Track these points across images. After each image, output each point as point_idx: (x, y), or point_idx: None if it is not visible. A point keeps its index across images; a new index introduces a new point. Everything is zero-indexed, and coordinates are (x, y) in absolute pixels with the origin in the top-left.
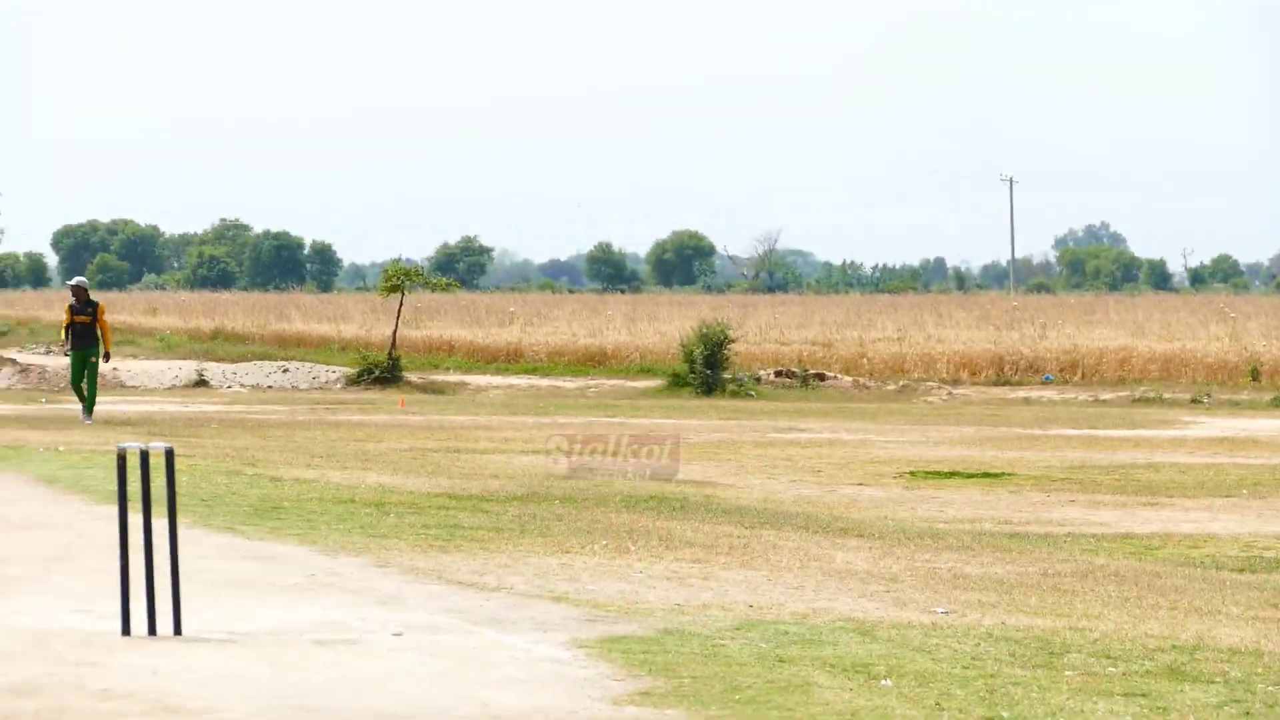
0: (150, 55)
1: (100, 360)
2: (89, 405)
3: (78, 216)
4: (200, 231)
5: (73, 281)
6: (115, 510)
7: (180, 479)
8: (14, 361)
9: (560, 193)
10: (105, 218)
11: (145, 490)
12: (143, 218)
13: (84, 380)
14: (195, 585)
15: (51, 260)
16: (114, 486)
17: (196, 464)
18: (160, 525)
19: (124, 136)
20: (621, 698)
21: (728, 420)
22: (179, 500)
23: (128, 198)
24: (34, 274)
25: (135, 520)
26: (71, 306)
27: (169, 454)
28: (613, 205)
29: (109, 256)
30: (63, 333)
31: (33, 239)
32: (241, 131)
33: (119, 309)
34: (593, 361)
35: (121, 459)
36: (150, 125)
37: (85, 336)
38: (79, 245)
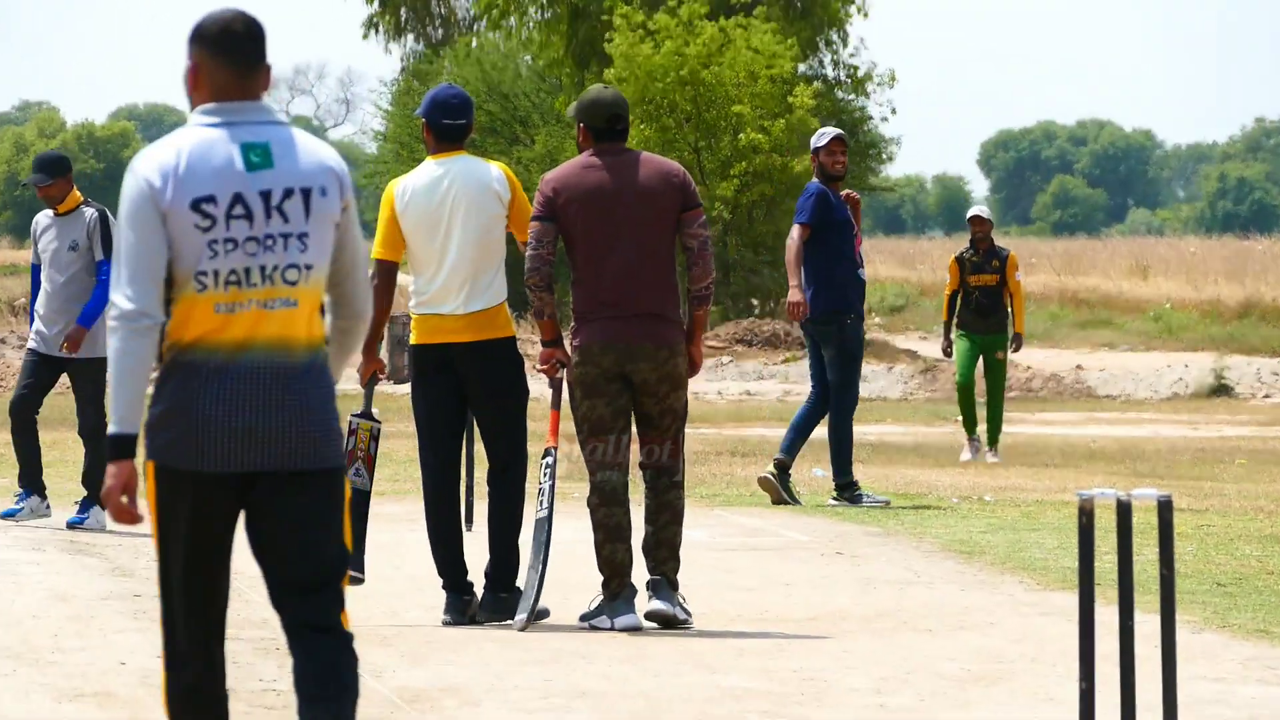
0: None
1: (1009, 352)
2: (989, 434)
3: None
4: None
5: (974, 211)
6: None
7: None
8: None
9: None
10: None
11: None
12: None
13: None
14: None
15: None
16: None
17: None
18: None
19: None
20: None
21: None
22: None
23: None
24: None
25: None
26: (962, 258)
27: None
28: None
29: None
30: (944, 307)
31: None
32: None
33: None
34: None
35: None
36: None
37: (986, 311)
38: None
